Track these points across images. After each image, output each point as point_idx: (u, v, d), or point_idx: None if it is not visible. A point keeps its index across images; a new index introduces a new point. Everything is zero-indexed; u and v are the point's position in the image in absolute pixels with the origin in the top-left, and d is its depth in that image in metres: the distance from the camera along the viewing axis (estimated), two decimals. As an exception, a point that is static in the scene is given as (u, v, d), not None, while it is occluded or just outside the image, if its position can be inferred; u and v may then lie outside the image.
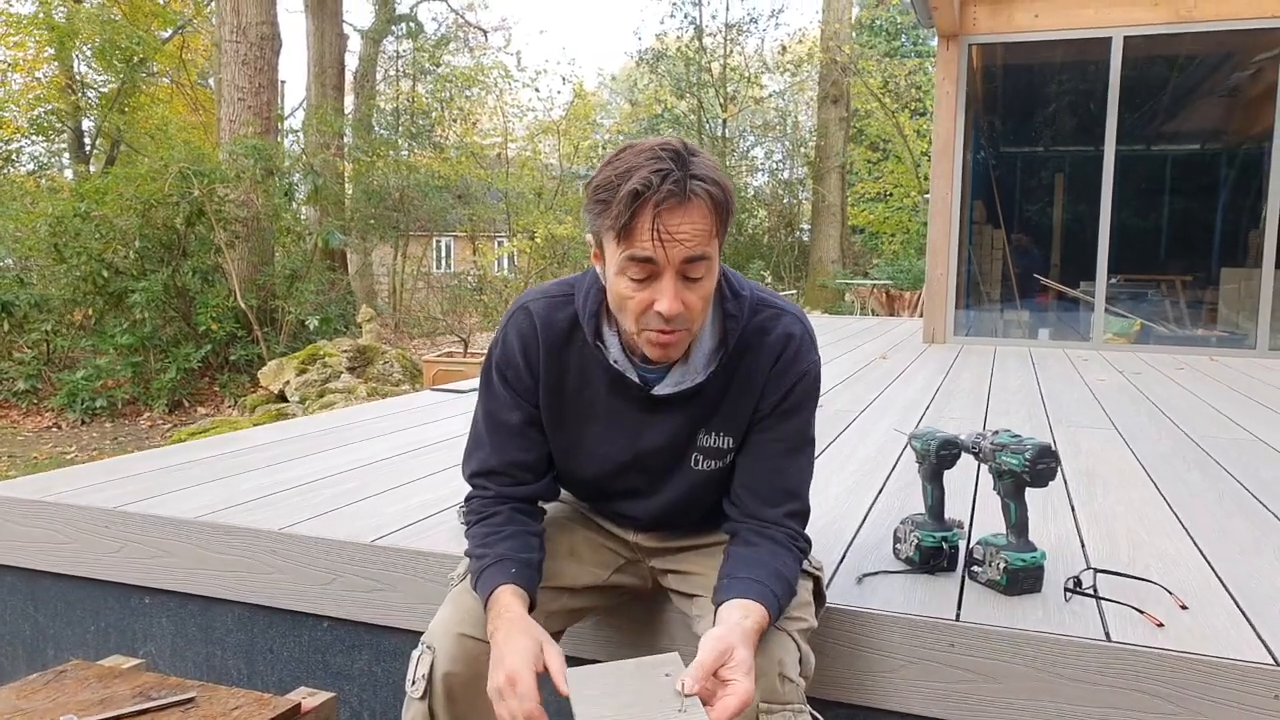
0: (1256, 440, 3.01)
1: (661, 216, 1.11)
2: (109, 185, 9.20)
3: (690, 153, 1.15)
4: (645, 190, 1.10)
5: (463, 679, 1.23)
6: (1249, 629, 1.42)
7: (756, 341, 1.30)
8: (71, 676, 1.69)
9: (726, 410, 1.31)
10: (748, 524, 1.30)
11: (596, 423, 1.34)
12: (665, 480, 1.36)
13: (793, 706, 1.16)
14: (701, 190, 1.12)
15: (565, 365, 1.33)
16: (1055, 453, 1.50)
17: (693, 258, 1.14)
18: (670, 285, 1.14)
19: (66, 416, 8.34)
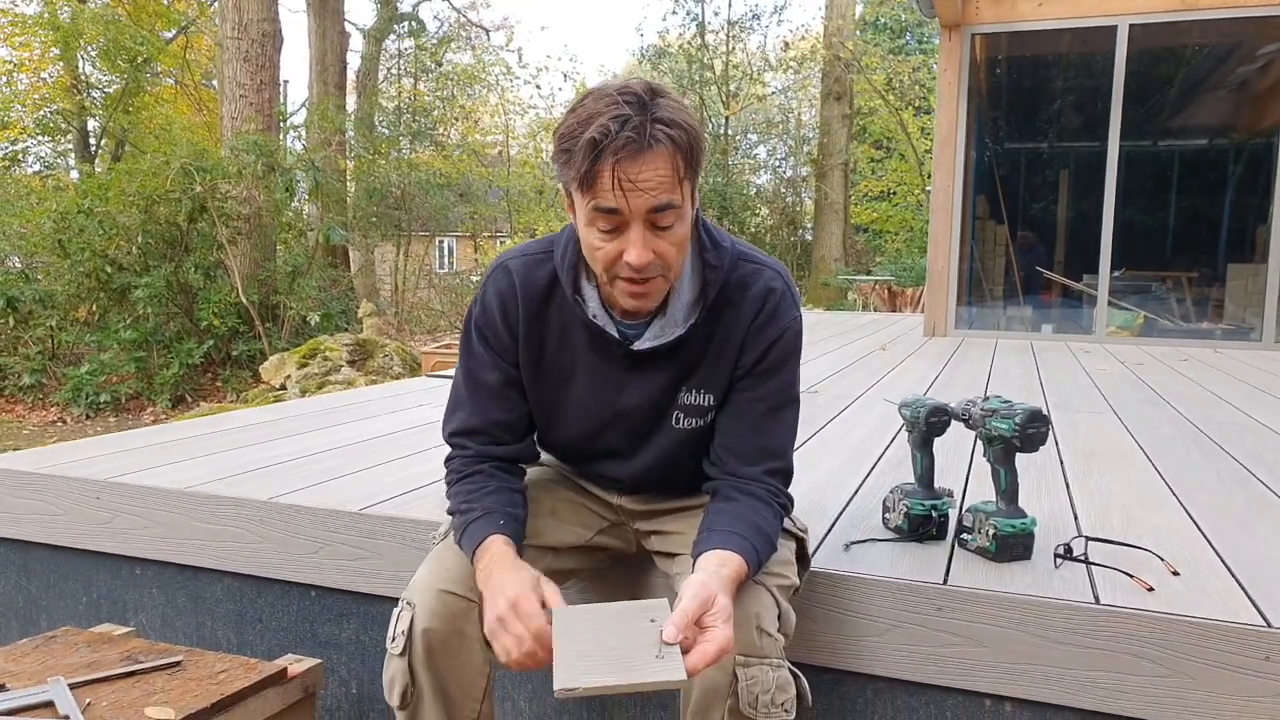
0: (1260, 425, 2.99)
1: (622, 165, 1.08)
2: (112, 181, 9.22)
3: (654, 95, 1.11)
4: (603, 139, 1.07)
5: (442, 635, 1.23)
6: (1241, 594, 1.41)
7: (738, 296, 1.28)
8: (61, 641, 1.69)
9: (708, 367, 1.30)
10: (727, 480, 1.29)
11: (576, 381, 1.33)
12: (646, 440, 1.35)
13: (770, 660, 1.15)
14: (663, 135, 1.09)
15: (545, 324, 1.31)
16: (1046, 417, 1.49)
17: (658, 206, 1.11)
18: (638, 235, 1.12)
19: (71, 411, 8.37)
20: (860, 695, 1.50)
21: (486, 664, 1.27)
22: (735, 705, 1.13)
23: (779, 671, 1.15)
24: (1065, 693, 1.36)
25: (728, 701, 1.13)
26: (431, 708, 1.24)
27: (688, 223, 1.18)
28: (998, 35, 6.60)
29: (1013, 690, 1.39)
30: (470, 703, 1.26)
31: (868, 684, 1.49)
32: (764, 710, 1.13)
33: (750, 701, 1.12)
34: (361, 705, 1.83)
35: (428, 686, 1.23)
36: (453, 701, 1.25)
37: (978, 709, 1.43)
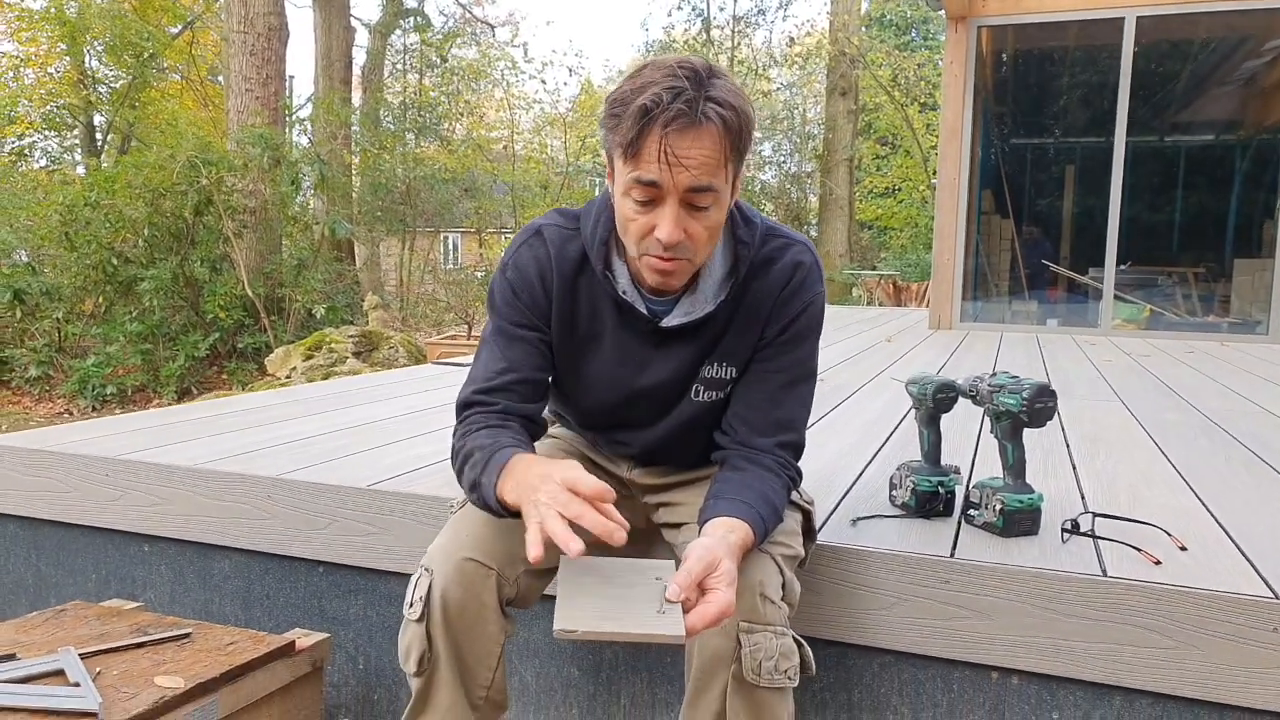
0: (1267, 413, 2.98)
1: (669, 138, 1.07)
2: (118, 175, 9.25)
3: (711, 73, 1.10)
4: (654, 107, 1.06)
5: (460, 601, 1.23)
6: (1248, 567, 1.41)
7: (764, 270, 1.29)
8: (71, 614, 1.70)
9: (732, 340, 1.30)
10: (738, 450, 1.29)
11: (603, 354, 1.33)
12: (666, 412, 1.36)
13: (774, 628, 1.15)
14: (715, 114, 1.08)
15: (576, 295, 1.31)
16: (1053, 392, 1.49)
17: (699, 187, 1.10)
18: (672, 212, 1.11)
19: (77, 403, 8.40)
20: (867, 668, 1.50)
21: (501, 633, 1.27)
22: (739, 671, 1.13)
23: (782, 639, 1.15)
24: (1072, 665, 1.36)
25: (731, 668, 1.13)
26: (447, 674, 1.24)
27: (724, 210, 1.17)
28: (1004, 28, 6.58)
29: (1019, 663, 1.39)
30: (484, 671, 1.27)
31: (875, 657, 1.49)
32: (767, 677, 1.13)
33: (753, 668, 1.12)
34: (369, 680, 1.84)
35: (444, 653, 1.23)
36: (468, 669, 1.25)
37: (984, 681, 1.43)
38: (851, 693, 1.51)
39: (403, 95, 19.53)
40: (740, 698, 1.14)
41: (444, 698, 1.24)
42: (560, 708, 1.70)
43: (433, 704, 1.25)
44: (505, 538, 1.28)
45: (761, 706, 1.14)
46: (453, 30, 20.51)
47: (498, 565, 1.25)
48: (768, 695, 1.14)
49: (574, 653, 1.69)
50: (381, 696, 1.84)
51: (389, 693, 1.83)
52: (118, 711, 1.32)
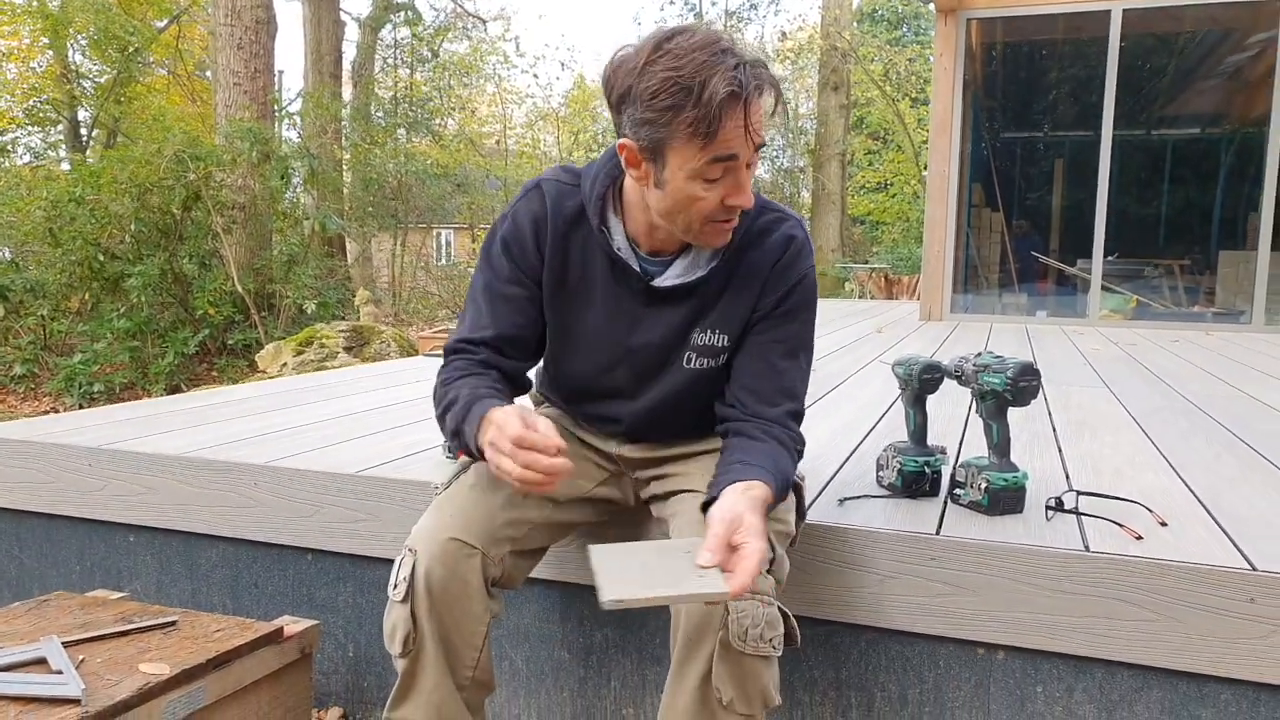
0: (1248, 397, 3.00)
1: (747, 112, 1.11)
2: (104, 169, 9.18)
3: (729, 39, 1.13)
4: (739, 90, 1.08)
5: (444, 581, 1.23)
6: (1227, 541, 1.42)
7: (759, 240, 1.32)
8: (55, 605, 1.69)
9: (724, 308, 1.32)
10: (751, 422, 1.30)
11: (593, 312, 1.34)
12: (654, 378, 1.37)
13: (761, 596, 1.16)
14: (768, 78, 1.13)
15: (569, 251, 1.32)
16: (1037, 370, 1.50)
17: (760, 144, 1.16)
18: (749, 178, 1.18)
19: (64, 401, 8.35)
20: (855, 646, 1.51)
21: (487, 613, 1.28)
22: (725, 638, 1.14)
23: (769, 609, 1.16)
24: (1055, 639, 1.37)
25: (719, 634, 1.14)
26: (433, 655, 1.24)
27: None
28: (993, 21, 6.60)
29: (1004, 638, 1.40)
30: (470, 651, 1.27)
31: (862, 634, 1.50)
32: (753, 644, 1.14)
33: (739, 634, 1.13)
34: (359, 667, 1.84)
35: (429, 633, 1.23)
36: (453, 650, 1.25)
37: (970, 657, 1.44)
38: (840, 670, 1.52)
39: (394, 90, 19.46)
40: (726, 663, 1.14)
41: (429, 678, 1.25)
42: (551, 691, 1.71)
43: (418, 685, 1.25)
44: (489, 518, 1.28)
45: (747, 673, 1.15)
46: (444, 25, 20.44)
47: (482, 545, 1.25)
48: (753, 662, 1.15)
49: (564, 636, 1.69)
50: (371, 683, 1.84)
51: (378, 679, 1.83)
52: (101, 698, 1.31)
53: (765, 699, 1.17)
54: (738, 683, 1.15)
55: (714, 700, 1.15)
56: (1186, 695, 1.35)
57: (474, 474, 1.35)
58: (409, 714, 1.26)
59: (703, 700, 1.16)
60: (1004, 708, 1.44)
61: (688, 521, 1.26)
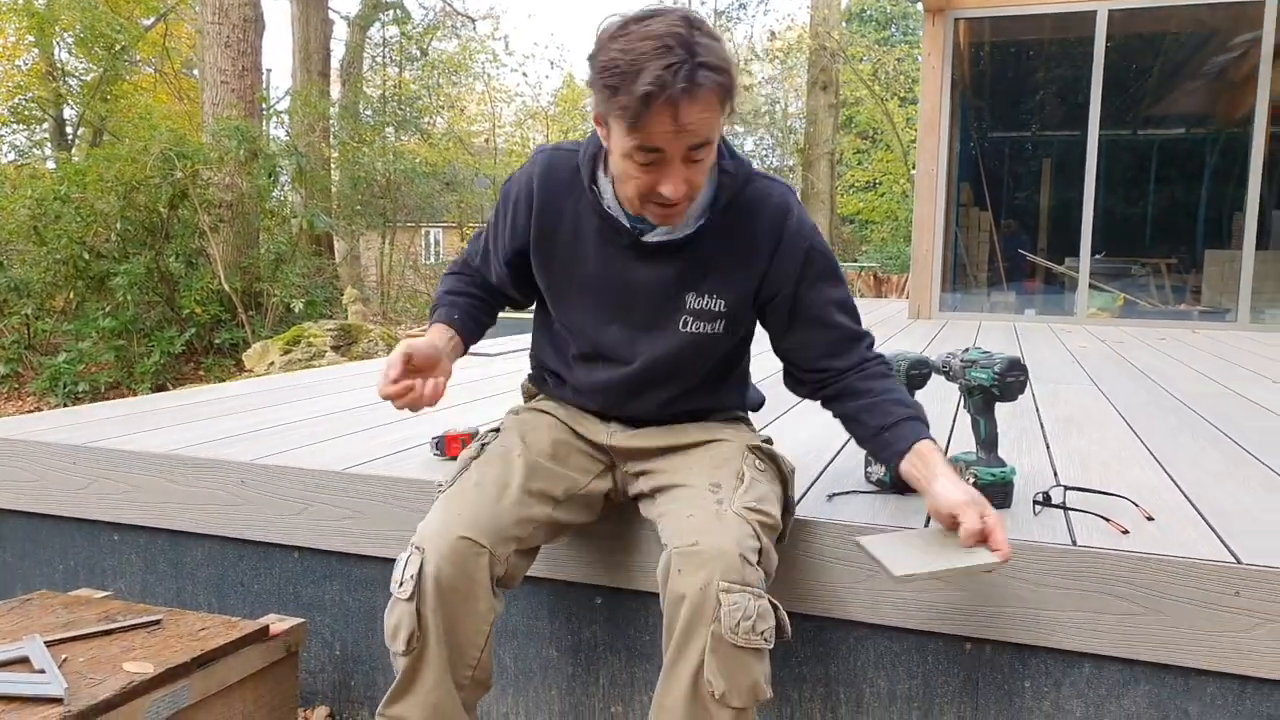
0: (1234, 394, 3.02)
1: (673, 112, 1.12)
2: (89, 168, 9.11)
3: (695, 31, 1.14)
4: (658, 91, 1.10)
5: (453, 580, 1.23)
6: (1212, 535, 1.42)
7: (753, 207, 1.34)
8: (37, 604, 1.68)
9: (720, 272, 1.34)
10: (850, 376, 1.39)
11: (586, 265, 1.38)
12: (647, 338, 1.38)
13: (752, 589, 1.16)
14: (710, 81, 1.13)
15: (562, 210, 1.38)
16: (1024, 366, 1.50)
17: (697, 144, 1.17)
18: (678, 171, 1.19)
19: (48, 401, 8.28)
20: (844, 641, 1.51)
21: (491, 611, 1.28)
22: (718, 630, 1.14)
23: (760, 601, 1.16)
24: (1043, 633, 1.37)
25: (711, 626, 1.14)
26: (436, 654, 1.24)
27: (714, 149, 1.23)
28: (980, 20, 6.63)
29: (992, 633, 1.40)
30: (473, 650, 1.27)
31: (851, 630, 1.50)
32: (744, 636, 1.14)
33: (732, 627, 1.13)
34: (345, 666, 1.83)
35: (435, 632, 1.23)
36: (457, 648, 1.25)
37: (958, 652, 1.45)
38: (829, 666, 1.52)
39: (382, 88, 19.39)
40: (718, 656, 1.14)
41: (431, 677, 1.24)
42: (540, 689, 1.70)
43: (419, 683, 1.24)
44: (497, 516, 1.29)
45: (738, 666, 1.15)
46: (433, 23, 20.38)
47: (490, 544, 1.26)
48: (745, 655, 1.15)
49: (552, 634, 1.68)
50: (358, 682, 1.83)
51: (365, 678, 1.82)
52: (84, 697, 1.30)
53: (756, 692, 1.17)
54: (729, 676, 1.15)
55: (706, 693, 1.15)
56: (1173, 689, 1.35)
57: (477, 472, 1.36)
58: (405, 712, 1.25)
59: (694, 693, 1.16)
60: (992, 703, 1.44)
61: (674, 524, 1.26)
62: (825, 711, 1.54)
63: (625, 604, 1.62)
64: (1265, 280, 6.17)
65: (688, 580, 1.17)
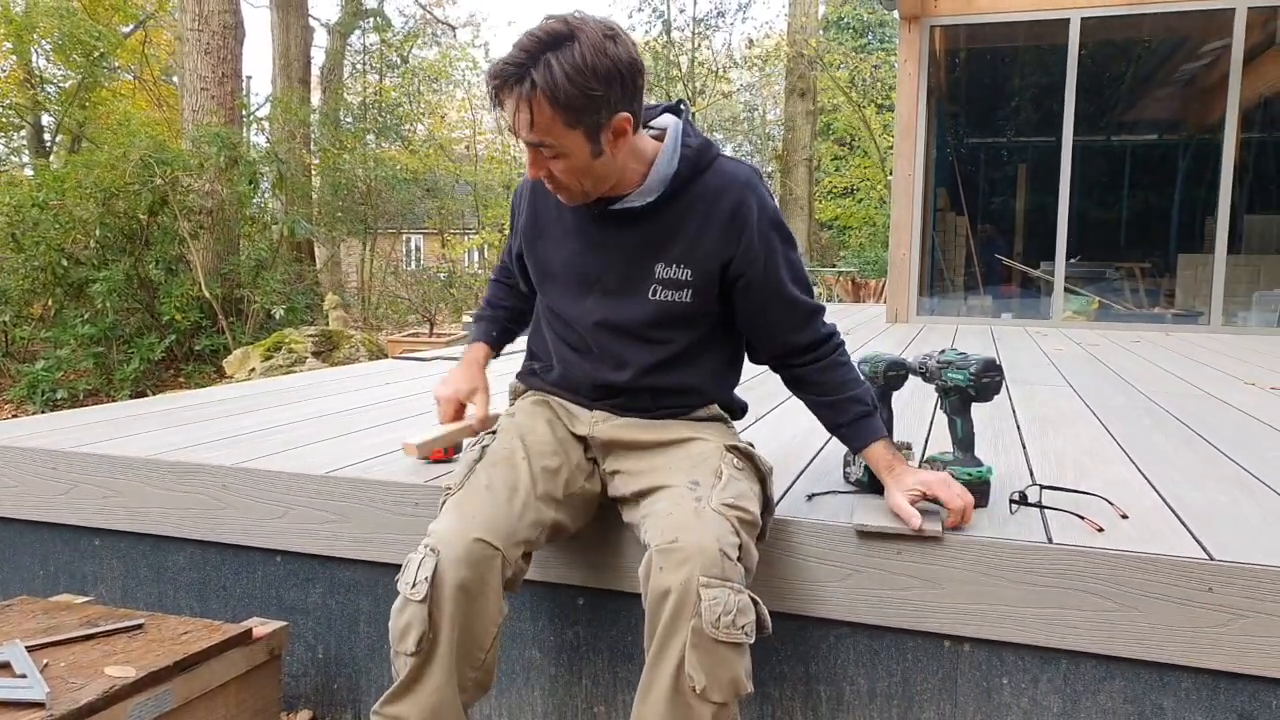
0: (1206, 394, 3.07)
1: (501, 99, 1.25)
2: (68, 174, 9.03)
3: (557, 43, 1.20)
4: (489, 78, 1.25)
5: (468, 582, 1.25)
6: (1185, 533, 1.45)
7: (719, 185, 1.41)
8: (17, 610, 1.67)
9: (684, 245, 1.41)
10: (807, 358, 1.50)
11: (565, 243, 1.48)
12: (623, 303, 1.44)
13: (731, 584, 1.18)
14: (529, 79, 1.21)
15: (548, 199, 1.48)
16: (1000, 366, 1.53)
17: (534, 144, 1.27)
18: (530, 156, 1.31)
19: (26, 408, 8.18)
20: (824, 640, 1.52)
21: (500, 613, 1.30)
22: (699, 625, 1.15)
23: (740, 596, 1.18)
24: (1019, 630, 1.40)
25: (691, 622, 1.15)
26: (445, 656, 1.25)
27: (579, 156, 1.29)
28: (956, 27, 6.70)
29: (970, 630, 1.42)
30: (479, 652, 1.28)
31: (831, 629, 1.52)
32: (725, 631, 1.15)
33: (712, 621, 1.15)
34: (329, 670, 1.83)
35: (446, 634, 1.24)
36: (466, 651, 1.27)
37: (937, 649, 1.47)
38: (809, 664, 1.54)
39: (363, 95, 19.33)
40: (699, 651, 1.16)
41: (436, 678, 1.25)
42: (522, 690, 1.71)
43: (422, 684, 1.25)
44: (510, 519, 1.30)
45: (719, 661, 1.16)
46: (413, 31, 20.35)
47: (503, 546, 1.28)
48: (726, 650, 1.17)
49: (535, 635, 1.69)
50: (341, 685, 1.83)
51: (349, 681, 1.82)
52: (65, 701, 1.30)
53: (737, 687, 1.18)
54: (710, 670, 1.16)
55: (687, 688, 1.17)
56: (1149, 684, 1.38)
57: (486, 475, 1.38)
58: (404, 711, 1.26)
59: (676, 689, 1.17)
60: (971, 699, 1.46)
61: (655, 523, 1.27)
62: (805, 710, 1.55)
63: (607, 605, 1.63)
64: (1237, 284, 6.27)
65: (668, 577, 1.18)
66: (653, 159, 1.39)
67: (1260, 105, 6.42)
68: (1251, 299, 6.33)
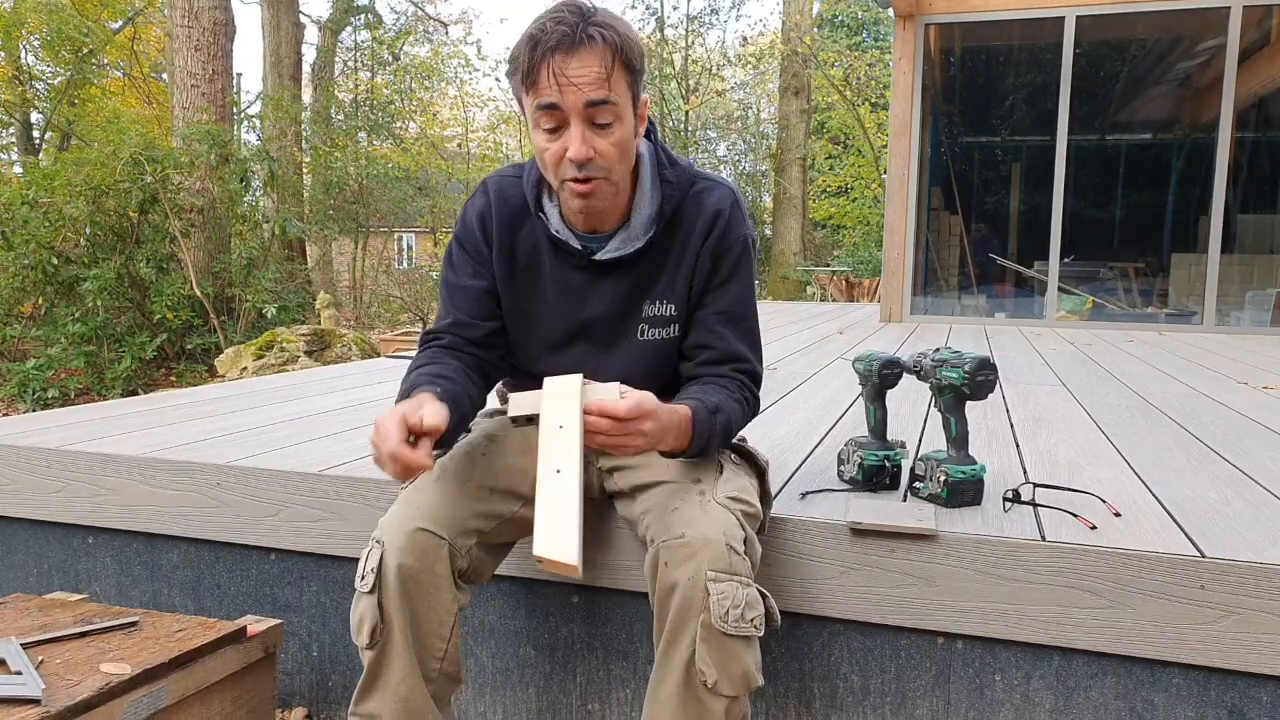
0: (1199, 394, 3.09)
1: (557, 60, 1.18)
2: (57, 172, 8.99)
3: (593, 8, 1.21)
4: (539, 34, 1.18)
5: (413, 571, 1.24)
6: (1178, 530, 1.46)
7: (693, 210, 1.37)
8: (12, 607, 1.66)
9: (667, 277, 1.38)
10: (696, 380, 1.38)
11: (545, 293, 1.40)
12: (611, 352, 1.40)
13: (739, 577, 1.18)
14: (595, 33, 1.18)
15: (517, 239, 1.40)
16: (994, 365, 1.53)
17: (593, 101, 1.20)
18: (577, 131, 1.21)
19: (17, 407, 8.15)
20: (817, 637, 1.53)
21: (454, 603, 1.28)
22: (708, 620, 1.15)
23: (748, 589, 1.18)
24: (1013, 628, 1.40)
25: (700, 617, 1.15)
26: (400, 646, 1.24)
27: (629, 127, 1.25)
28: (950, 26, 6.72)
29: (963, 627, 1.43)
30: (438, 642, 1.27)
31: (825, 626, 1.52)
32: (734, 625, 1.15)
33: (721, 615, 1.15)
34: (323, 668, 1.83)
35: (398, 624, 1.23)
36: (421, 640, 1.26)
37: (930, 647, 1.47)
38: (803, 662, 1.54)
39: (354, 93, 19.29)
40: (709, 645, 1.16)
41: (397, 670, 1.24)
42: (517, 688, 1.71)
43: (385, 676, 1.25)
44: (456, 508, 1.29)
45: (729, 655, 1.16)
46: (404, 28, 20.30)
47: (449, 535, 1.26)
48: (736, 643, 1.17)
49: (529, 633, 1.69)
50: (336, 683, 1.83)
51: (343, 679, 1.82)
52: (61, 698, 1.30)
53: (748, 680, 1.19)
54: (721, 664, 1.16)
55: (698, 683, 1.17)
56: (1140, 680, 1.39)
57: (439, 468, 1.36)
58: (375, 708, 1.26)
59: (687, 684, 1.17)
60: (964, 696, 1.47)
61: (659, 518, 1.27)
62: (799, 706, 1.56)
63: (602, 602, 1.64)
64: (1230, 283, 6.30)
65: (676, 572, 1.18)
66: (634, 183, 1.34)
67: (1255, 105, 6.46)
68: (1244, 298, 6.37)
